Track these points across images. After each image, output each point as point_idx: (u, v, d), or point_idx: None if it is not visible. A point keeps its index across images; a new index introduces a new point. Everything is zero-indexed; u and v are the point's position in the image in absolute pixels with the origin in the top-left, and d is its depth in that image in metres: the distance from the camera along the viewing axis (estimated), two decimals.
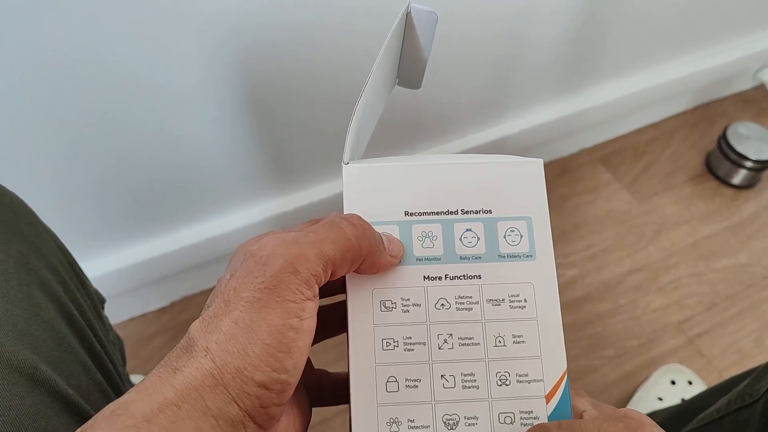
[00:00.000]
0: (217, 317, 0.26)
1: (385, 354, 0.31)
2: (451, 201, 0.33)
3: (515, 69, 0.95)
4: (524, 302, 0.32)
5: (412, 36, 0.37)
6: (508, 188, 0.33)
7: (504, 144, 1.04)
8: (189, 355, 0.26)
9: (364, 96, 0.32)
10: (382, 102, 0.41)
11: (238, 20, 0.66)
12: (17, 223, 0.40)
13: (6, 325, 0.35)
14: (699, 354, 0.95)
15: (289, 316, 0.26)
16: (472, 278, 0.32)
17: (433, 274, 0.32)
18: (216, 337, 0.26)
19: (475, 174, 0.33)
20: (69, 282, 0.42)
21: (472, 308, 0.32)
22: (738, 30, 1.16)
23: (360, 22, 0.72)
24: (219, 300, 0.27)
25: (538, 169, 0.34)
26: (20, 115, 0.64)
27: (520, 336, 0.32)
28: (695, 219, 1.11)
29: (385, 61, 0.35)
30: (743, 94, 1.32)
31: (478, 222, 0.33)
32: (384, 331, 0.31)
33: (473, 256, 0.32)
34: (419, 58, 0.38)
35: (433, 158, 0.34)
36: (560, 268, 1.03)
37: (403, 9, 0.35)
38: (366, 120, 0.36)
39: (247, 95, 0.74)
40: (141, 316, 0.96)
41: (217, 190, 0.85)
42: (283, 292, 0.26)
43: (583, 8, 0.90)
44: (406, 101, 0.88)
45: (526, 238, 0.33)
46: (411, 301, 0.32)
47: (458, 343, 0.31)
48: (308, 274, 0.27)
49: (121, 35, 0.62)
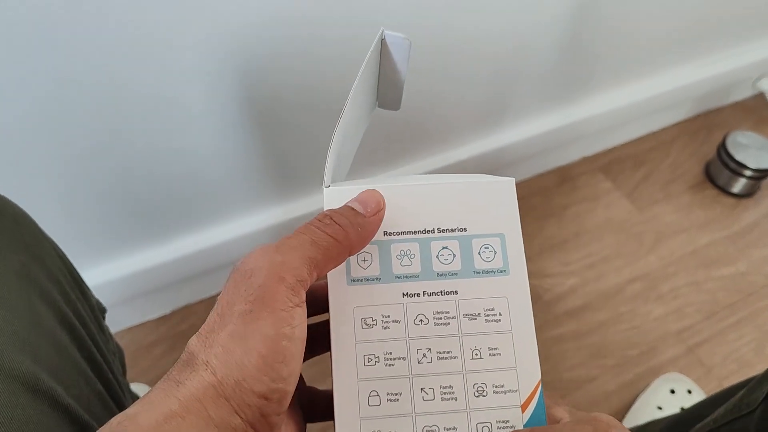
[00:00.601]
0: (214, 331, 0.27)
1: (367, 369, 0.32)
2: (427, 220, 0.34)
3: (515, 78, 0.95)
4: (499, 316, 0.33)
5: (387, 61, 0.39)
6: (482, 207, 0.35)
7: (504, 153, 1.04)
8: (191, 368, 0.27)
9: (342, 120, 0.34)
10: (364, 123, 0.42)
11: (240, 35, 0.67)
12: (19, 233, 0.41)
13: (8, 335, 0.35)
14: (699, 363, 0.95)
15: (281, 325, 0.27)
16: (449, 294, 0.33)
17: (411, 291, 0.33)
18: (214, 350, 0.27)
19: (450, 194, 0.35)
20: (70, 292, 0.43)
21: (449, 323, 0.33)
22: (737, 39, 1.17)
23: (358, 33, 0.73)
24: (214, 314, 0.28)
25: (510, 188, 0.35)
26: (25, 126, 0.65)
27: (495, 348, 0.33)
28: (695, 227, 1.11)
29: (362, 86, 0.36)
30: (742, 103, 1.32)
31: (453, 240, 0.34)
32: (365, 347, 0.32)
33: (450, 272, 0.34)
34: (396, 81, 0.40)
35: (411, 179, 0.35)
36: (560, 276, 1.04)
37: (378, 36, 0.37)
38: (347, 142, 0.38)
39: (249, 107, 0.75)
40: (141, 325, 0.97)
41: (218, 199, 0.86)
42: (272, 301, 0.27)
43: (582, 18, 0.91)
44: (407, 113, 0.88)
45: (499, 254, 0.34)
46: (391, 317, 0.33)
47: (437, 356, 0.32)
48: (294, 281, 0.28)
49: (125, 50, 0.62)
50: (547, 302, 1.00)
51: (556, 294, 1.01)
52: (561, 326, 0.97)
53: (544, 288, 1.02)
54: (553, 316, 0.99)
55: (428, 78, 0.85)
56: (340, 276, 0.33)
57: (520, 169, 1.14)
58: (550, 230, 1.10)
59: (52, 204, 0.74)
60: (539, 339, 0.33)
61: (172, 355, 0.93)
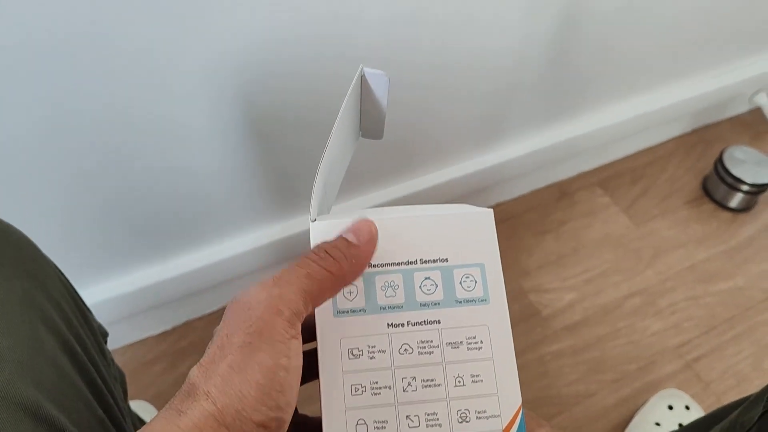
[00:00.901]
0: (214, 362, 0.28)
1: (354, 399, 0.33)
2: (410, 251, 0.35)
3: (512, 94, 0.96)
4: (480, 343, 0.34)
5: (368, 95, 0.40)
6: (463, 237, 0.36)
7: (501, 169, 1.05)
8: (192, 398, 0.27)
9: (326, 154, 0.35)
10: (349, 153, 0.44)
11: (240, 55, 0.67)
12: (22, 260, 0.41)
13: (11, 362, 0.36)
14: (697, 378, 0.95)
15: (279, 356, 0.28)
16: (432, 323, 0.34)
17: (396, 321, 0.34)
18: (214, 381, 0.27)
19: (431, 225, 0.36)
20: (72, 317, 0.43)
21: (433, 351, 0.34)
22: (733, 54, 1.18)
23: (357, 51, 0.74)
24: (214, 347, 0.29)
25: (489, 219, 0.36)
26: (27, 146, 0.65)
27: (477, 375, 0.34)
28: (692, 242, 1.12)
29: (345, 120, 0.38)
30: (739, 118, 1.33)
31: (435, 270, 0.35)
32: (352, 377, 0.33)
33: (432, 302, 0.35)
34: (378, 113, 0.42)
35: (394, 211, 0.36)
36: (558, 291, 1.04)
37: (358, 72, 0.39)
38: (333, 172, 0.39)
39: (250, 126, 0.76)
40: (141, 342, 0.97)
41: (218, 216, 0.86)
42: (269, 333, 0.28)
43: (578, 34, 0.92)
44: (403, 131, 0.89)
45: (480, 284, 0.35)
46: (376, 347, 0.34)
47: (421, 385, 0.34)
48: (290, 314, 0.29)
49: (126, 70, 0.63)
50: (545, 317, 1.01)
51: (555, 309, 1.02)
52: (559, 341, 0.98)
53: (542, 303, 1.03)
54: (552, 331, 0.99)
55: (424, 94, 0.86)
56: (327, 308, 0.34)
57: (517, 185, 1.15)
58: (548, 245, 1.10)
59: (52, 222, 0.74)
60: (537, 354, 0.34)
61: (172, 372, 0.94)
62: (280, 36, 0.68)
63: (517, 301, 1.03)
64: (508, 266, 1.07)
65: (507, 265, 1.06)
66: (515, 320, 1.00)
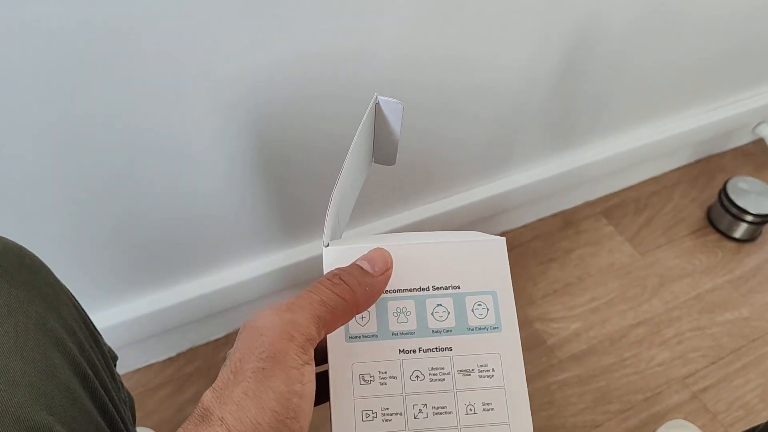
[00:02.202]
0: (228, 388, 0.28)
1: (365, 425, 0.33)
2: (422, 278, 0.35)
3: (519, 123, 0.97)
4: (492, 372, 0.34)
5: (382, 122, 0.41)
6: (475, 265, 0.36)
7: (507, 197, 1.06)
8: (206, 424, 0.27)
9: (341, 181, 0.35)
10: (361, 179, 0.44)
11: (254, 78, 0.68)
12: (37, 284, 0.42)
13: (24, 386, 0.36)
14: (704, 409, 0.94)
15: (292, 382, 0.28)
16: (444, 350, 0.34)
17: (407, 348, 0.34)
18: (229, 407, 0.27)
19: (444, 252, 0.36)
20: (84, 342, 0.43)
21: (444, 379, 0.34)
22: (737, 86, 1.19)
23: (366, 74, 0.75)
24: (227, 371, 0.29)
25: (502, 247, 0.36)
26: (35, 170, 0.66)
27: (489, 404, 0.34)
28: (697, 272, 1.12)
29: (359, 146, 0.38)
30: (743, 149, 1.34)
31: (447, 297, 0.35)
32: (363, 403, 0.33)
33: (444, 329, 0.35)
34: (391, 140, 0.42)
35: (407, 237, 0.37)
36: (564, 320, 1.04)
37: (373, 100, 0.39)
38: (346, 198, 0.40)
39: (259, 151, 0.76)
40: (147, 367, 0.97)
41: (224, 242, 0.87)
42: (282, 359, 0.28)
43: (586, 66, 0.93)
44: (414, 157, 0.90)
45: (492, 311, 0.35)
46: (388, 373, 0.34)
47: (432, 412, 0.33)
48: (303, 339, 0.29)
49: (137, 93, 0.64)
50: (551, 346, 1.00)
51: (560, 338, 1.02)
52: (565, 371, 0.97)
53: (548, 332, 1.02)
54: (558, 360, 0.99)
55: (432, 121, 0.87)
56: (339, 333, 0.34)
57: (523, 214, 1.16)
58: (554, 274, 1.11)
59: (60, 246, 0.75)
60: (543, 383, 0.34)
61: (178, 398, 0.94)
62: (292, 59, 0.69)
63: (522, 330, 1.02)
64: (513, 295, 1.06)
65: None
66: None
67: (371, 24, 0.71)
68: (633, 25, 0.92)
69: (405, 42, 0.75)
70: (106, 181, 0.71)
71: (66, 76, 0.60)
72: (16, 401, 0.35)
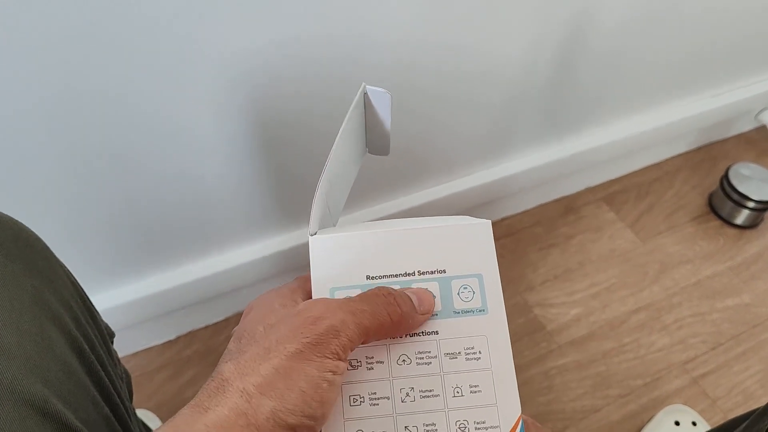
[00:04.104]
0: (255, 362, 0.29)
1: (353, 409, 0.33)
2: (408, 263, 0.35)
3: (519, 108, 0.97)
4: (479, 354, 0.34)
5: (371, 113, 0.41)
6: (460, 249, 0.36)
7: (507, 183, 1.05)
8: (222, 394, 0.27)
9: (327, 170, 0.36)
10: (354, 169, 0.44)
11: (251, 60, 0.68)
12: (32, 258, 0.42)
13: (19, 359, 0.36)
14: (703, 394, 0.94)
15: (325, 369, 0.29)
16: (430, 334, 0.34)
17: None
18: (253, 379, 0.28)
19: (429, 237, 0.36)
20: (80, 316, 0.43)
21: (431, 362, 0.34)
22: (740, 73, 1.18)
23: (366, 56, 0.74)
24: (257, 347, 0.29)
25: (487, 230, 0.36)
26: (36, 152, 0.66)
27: (476, 386, 0.34)
28: (698, 258, 1.11)
29: (347, 136, 0.38)
30: (745, 135, 1.33)
31: (433, 281, 0.35)
32: (351, 388, 0.33)
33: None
34: (382, 130, 0.42)
35: (393, 224, 0.37)
36: (564, 306, 1.04)
37: (360, 90, 0.39)
38: (337, 188, 0.40)
39: (260, 132, 0.76)
40: (145, 350, 0.97)
41: (224, 224, 0.87)
42: (323, 349, 0.29)
43: (586, 50, 0.93)
44: (413, 142, 0.90)
45: (478, 294, 0.35)
46: (375, 359, 0.34)
47: (419, 395, 0.34)
48: (347, 340, 0.30)
49: (136, 76, 0.64)
50: (550, 332, 1.00)
51: (560, 324, 1.02)
52: (565, 356, 0.97)
53: (547, 318, 1.02)
54: (557, 345, 0.99)
55: (431, 107, 0.87)
56: None
57: (524, 199, 1.15)
58: (554, 260, 1.10)
59: (60, 226, 0.75)
60: (543, 368, 0.34)
61: (176, 381, 0.94)
62: (292, 39, 0.68)
63: (522, 316, 1.02)
64: (513, 280, 1.06)
65: (512, 279, 1.06)
66: (520, 334, 1.00)
67: (372, 8, 0.70)
68: (634, 11, 0.91)
69: (405, 27, 0.74)
70: (105, 164, 0.71)
71: (65, 53, 0.59)
72: (11, 373, 0.35)
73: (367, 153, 0.45)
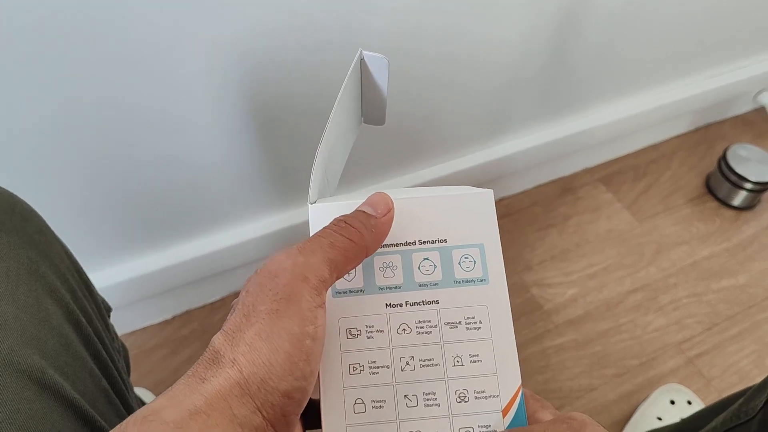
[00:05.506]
0: (240, 330, 0.28)
1: (352, 378, 0.33)
2: (409, 233, 0.35)
3: (517, 88, 0.96)
4: (479, 324, 0.34)
5: (368, 79, 0.40)
6: (462, 218, 0.35)
7: (505, 163, 1.05)
8: (216, 366, 0.27)
9: (325, 139, 0.35)
10: (351, 139, 0.44)
11: (245, 43, 0.67)
12: (28, 231, 0.41)
13: (15, 331, 0.36)
14: (699, 374, 0.95)
15: (306, 324, 0.28)
16: (431, 303, 0.34)
17: (394, 302, 0.34)
18: (241, 349, 0.27)
19: (430, 207, 0.36)
20: (77, 289, 0.43)
21: (431, 332, 0.34)
22: (738, 54, 1.18)
23: (360, 38, 0.74)
24: (239, 314, 0.28)
25: (489, 199, 0.36)
26: (35, 134, 0.65)
27: (476, 355, 0.34)
28: (695, 239, 1.11)
29: (344, 104, 0.37)
30: (743, 117, 1.33)
31: (434, 251, 0.35)
32: (350, 356, 0.33)
33: (431, 282, 0.35)
34: (378, 98, 0.41)
35: (394, 193, 0.36)
36: (561, 286, 1.04)
37: (357, 56, 0.38)
38: (334, 158, 0.39)
39: (254, 114, 0.75)
40: (142, 329, 0.97)
41: (221, 205, 0.86)
42: (297, 300, 0.28)
43: (583, 30, 0.92)
44: (410, 121, 0.89)
45: (479, 264, 0.35)
46: (375, 327, 0.34)
47: (419, 364, 0.33)
48: (317, 281, 0.29)
49: (130, 58, 0.63)
50: (547, 311, 1.01)
51: (557, 304, 1.02)
52: (562, 336, 0.98)
53: (545, 298, 1.02)
54: (554, 325, 0.99)
55: (429, 87, 0.86)
56: None
57: (522, 180, 1.15)
58: (552, 240, 1.10)
59: (55, 205, 0.74)
60: (540, 347, 0.34)
61: (173, 359, 0.94)
62: (284, 22, 0.68)
63: (519, 295, 1.03)
64: (511, 260, 1.06)
65: (510, 259, 1.06)
66: (518, 314, 1.00)
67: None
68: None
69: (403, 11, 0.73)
70: (102, 146, 0.70)
71: (65, 47, 0.59)
72: (7, 344, 0.35)
73: (363, 123, 0.44)
